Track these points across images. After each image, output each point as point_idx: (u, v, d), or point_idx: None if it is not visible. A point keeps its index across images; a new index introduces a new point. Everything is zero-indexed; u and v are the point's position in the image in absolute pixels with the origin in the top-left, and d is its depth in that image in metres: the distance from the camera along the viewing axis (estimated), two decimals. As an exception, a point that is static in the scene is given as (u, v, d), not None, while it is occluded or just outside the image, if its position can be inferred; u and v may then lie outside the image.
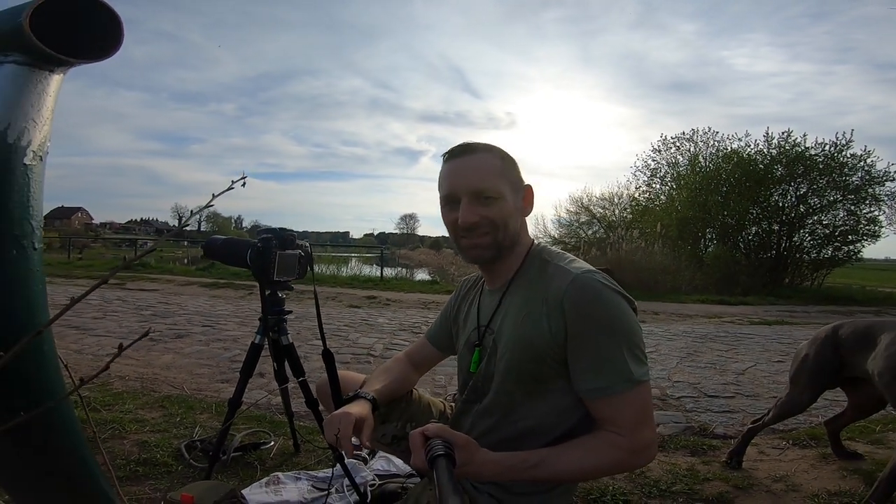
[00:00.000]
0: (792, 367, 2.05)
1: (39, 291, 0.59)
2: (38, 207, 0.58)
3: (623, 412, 0.94)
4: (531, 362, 1.01)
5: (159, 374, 3.18)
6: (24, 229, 0.56)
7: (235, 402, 1.58)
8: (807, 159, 12.22)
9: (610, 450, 0.95)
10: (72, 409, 0.64)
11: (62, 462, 0.61)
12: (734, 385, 3.46)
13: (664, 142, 15.58)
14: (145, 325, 4.87)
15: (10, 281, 0.56)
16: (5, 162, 0.55)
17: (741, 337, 5.49)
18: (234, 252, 1.62)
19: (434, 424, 0.89)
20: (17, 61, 0.55)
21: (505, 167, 1.07)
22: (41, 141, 0.58)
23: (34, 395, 0.57)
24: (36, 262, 0.58)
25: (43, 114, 0.57)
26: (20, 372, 0.55)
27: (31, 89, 0.56)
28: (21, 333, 0.53)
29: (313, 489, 1.72)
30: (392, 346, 4.36)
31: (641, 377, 0.94)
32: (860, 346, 1.85)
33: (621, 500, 1.73)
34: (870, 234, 12.20)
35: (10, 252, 0.55)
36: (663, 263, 10.83)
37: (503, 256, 1.09)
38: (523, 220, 1.12)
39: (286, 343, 1.66)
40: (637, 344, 0.96)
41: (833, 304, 9.64)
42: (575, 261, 1.05)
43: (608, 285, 0.97)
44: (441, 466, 0.78)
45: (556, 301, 0.97)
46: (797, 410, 2.01)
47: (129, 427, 2.13)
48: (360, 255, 24.92)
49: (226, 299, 7.15)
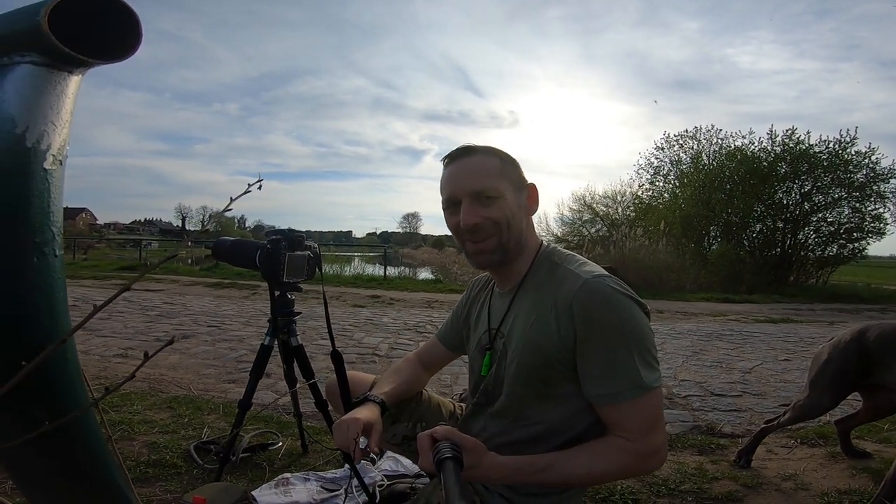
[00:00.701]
0: (811, 369, 1.96)
1: (61, 299, 0.58)
2: (59, 213, 0.57)
3: (632, 418, 0.93)
4: (540, 367, 1.00)
5: (166, 374, 3.19)
6: (46, 236, 0.55)
7: (245, 403, 1.59)
8: (811, 157, 12.17)
9: (618, 455, 0.94)
10: (94, 417, 0.64)
11: (83, 467, 0.61)
12: (741, 384, 3.44)
13: (667, 139, 15.56)
14: (151, 326, 4.89)
15: (33, 289, 0.55)
16: (24, 166, 0.54)
17: (747, 335, 5.47)
18: (243, 254, 1.63)
19: (442, 427, 0.89)
20: (35, 62, 0.54)
21: (504, 166, 1.06)
22: (60, 144, 0.57)
23: (58, 403, 0.57)
24: (57, 269, 0.57)
25: (62, 116, 0.56)
26: (44, 381, 0.55)
27: (49, 91, 0.55)
28: (45, 341, 0.52)
29: (322, 490, 1.72)
30: (397, 346, 4.37)
31: (652, 383, 0.93)
32: (890, 350, 1.74)
33: (630, 499, 1.72)
34: (875, 232, 12.16)
35: (32, 260, 0.54)
36: (667, 261, 10.80)
37: (511, 259, 1.08)
38: (529, 220, 1.12)
39: (296, 345, 1.66)
40: (648, 349, 0.95)
41: (839, 302, 9.59)
42: (585, 264, 1.04)
43: (618, 290, 0.96)
44: (448, 469, 0.78)
45: (566, 306, 0.96)
46: (815, 414, 1.94)
47: (138, 428, 2.14)
48: (364, 255, 24.95)
49: (230, 299, 7.17)
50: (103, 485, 0.63)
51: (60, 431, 0.52)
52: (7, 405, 0.50)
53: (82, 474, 0.62)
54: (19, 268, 0.54)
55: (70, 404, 0.59)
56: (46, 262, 0.56)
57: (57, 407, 0.57)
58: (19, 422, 0.55)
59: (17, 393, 0.47)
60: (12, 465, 0.63)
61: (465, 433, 1.18)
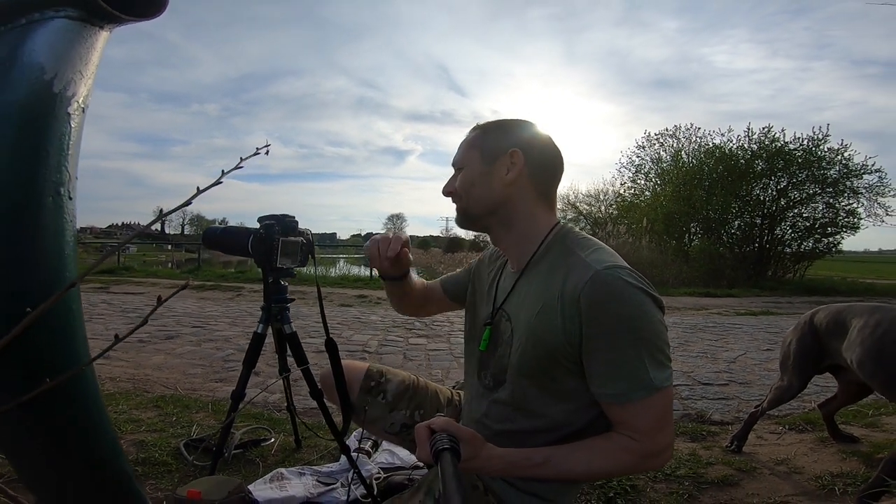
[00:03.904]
0: (780, 354, 2.09)
1: (71, 244, 0.57)
2: (76, 157, 0.58)
3: (639, 418, 0.89)
4: (544, 360, 0.96)
5: (151, 374, 3.12)
6: (62, 176, 0.56)
7: (239, 393, 1.55)
8: (786, 154, 12.44)
9: (621, 454, 0.91)
10: (95, 380, 0.62)
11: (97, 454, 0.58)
12: (726, 373, 3.50)
13: (648, 138, 15.76)
14: (132, 327, 4.77)
15: (44, 228, 0.55)
16: (49, 108, 0.55)
17: (729, 327, 5.58)
18: (234, 240, 1.58)
19: (440, 418, 0.87)
20: (70, 16, 0.56)
21: (482, 137, 1.07)
22: (85, 94, 0.58)
23: (60, 355, 0.55)
24: (70, 213, 0.57)
25: (89, 68, 0.58)
26: (49, 331, 0.53)
27: (80, 43, 0.57)
28: (54, 285, 0.51)
29: (318, 484, 1.69)
30: (387, 343, 4.34)
31: (661, 383, 0.87)
32: (835, 332, 1.85)
33: (628, 485, 1.73)
34: (849, 226, 12.46)
35: (47, 198, 0.54)
36: (650, 258, 10.97)
37: (485, 224, 1.09)
38: (521, 190, 1.03)
39: (290, 332, 1.63)
40: (660, 347, 0.88)
41: (816, 295, 9.82)
42: (598, 250, 0.97)
43: (631, 282, 0.89)
44: (446, 460, 0.77)
45: (573, 298, 0.90)
46: (789, 396, 2.03)
47: (125, 427, 2.08)
48: (348, 256, 24.79)
49: (214, 301, 7.05)
50: (115, 473, 0.60)
51: (65, 397, 0.49)
52: (7, 356, 0.48)
53: (96, 461, 0.59)
54: (32, 205, 0.54)
55: (74, 360, 0.57)
56: (60, 202, 0.56)
57: (57, 361, 0.55)
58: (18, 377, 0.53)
59: (17, 343, 0.45)
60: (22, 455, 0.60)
61: (469, 414, 1.17)
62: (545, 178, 1.07)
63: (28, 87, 0.54)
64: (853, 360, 1.73)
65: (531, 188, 1.04)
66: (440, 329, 5.09)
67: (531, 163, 1.03)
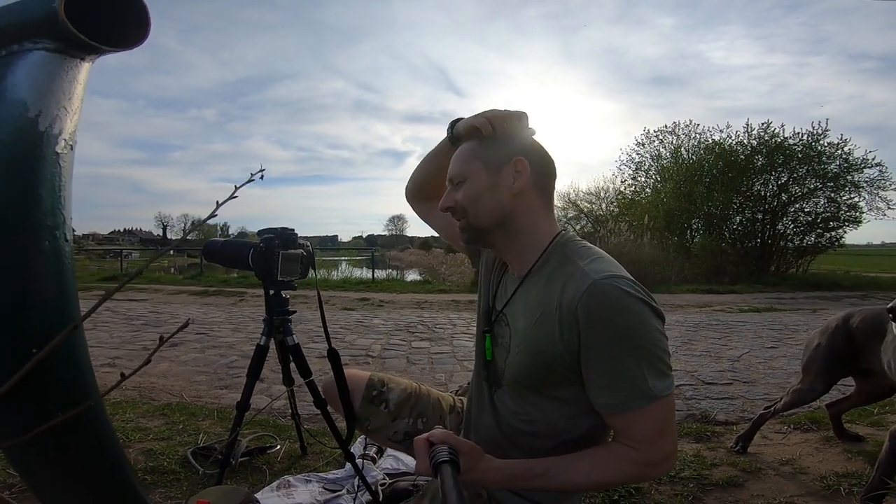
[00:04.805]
0: (803, 356, 2.03)
1: (71, 284, 0.57)
2: (69, 197, 0.57)
3: (639, 427, 0.88)
4: (542, 369, 0.96)
5: (156, 382, 3.14)
6: (57, 219, 0.55)
7: (243, 405, 1.56)
8: (786, 149, 12.41)
9: (622, 463, 0.90)
10: (104, 409, 0.63)
11: (101, 465, 0.59)
12: (731, 372, 3.50)
13: (647, 135, 15.73)
14: (137, 335, 4.80)
15: (44, 273, 0.54)
16: (37, 150, 0.53)
17: (733, 325, 5.56)
18: (234, 254, 1.60)
19: (439, 430, 0.88)
20: (48, 48, 0.54)
21: (481, 147, 1.04)
22: (71, 130, 0.56)
23: (70, 392, 0.56)
24: (67, 254, 0.56)
25: (73, 102, 0.56)
26: (55, 369, 0.54)
27: (62, 77, 0.55)
28: (55, 327, 0.51)
29: (325, 491, 1.70)
30: (390, 346, 4.35)
31: (661, 392, 0.86)
32: (872, 335, 1.81)
33: (632, 487, 1.74)
34: (851, 220, 12.44)
35: (44, 243, 0.53)
36: (652, 255, 10.92)
37: (494, 240, 1.06)
38: (525, 199, 1.03)
39: (292, 343, 1.64)
40: (660, 357, 0.88)
41: (819, 290, 9.79)
42: (597, 259, 0.96)
43: (629, 292, 0.88)
44: (446, 473, 0.77)
45: (570, 308, 0.89)
46: (809, 399, 1.99)
47: (133, 436, 2.10)
48: (350, 259, 24.80)
49: (217, 306, 7.06)
50: (119, 483, 0.61)
51: (76, 426, 0.50)
52: (18, 395, 0.48)
53: (100, 472, 0.60)
54: (30, 252, 0.53)
55: (82, 395, 0.57)
56: (57, 245, 0.55)
57: (68, 397, 0.56)
58: (30, 413, 0.53)
59: (28, 381, 0.46)
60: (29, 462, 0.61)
61: (474, 418, 1.17)
62: (547, 183, 1.07)
63: (13, 126, 0.52)
64: (888, 361, 1.70)
65: (536, 196, 1.04)
66: (443, 332, 5.10)
67: (535, 170, 1.02)
